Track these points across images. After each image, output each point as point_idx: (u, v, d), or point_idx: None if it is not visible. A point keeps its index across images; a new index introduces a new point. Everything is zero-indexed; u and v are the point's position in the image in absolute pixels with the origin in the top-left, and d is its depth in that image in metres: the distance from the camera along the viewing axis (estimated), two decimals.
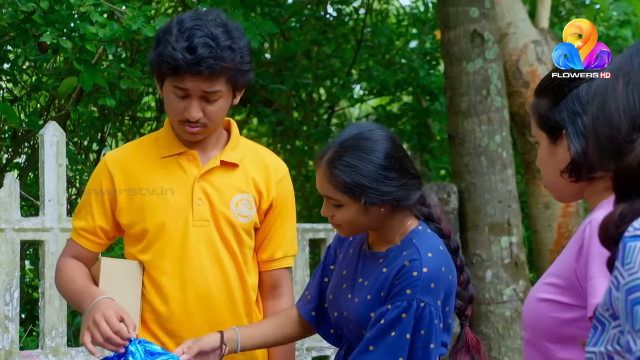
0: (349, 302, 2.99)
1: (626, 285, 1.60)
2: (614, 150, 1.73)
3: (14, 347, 4.70)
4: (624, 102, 1.73)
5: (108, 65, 6.59)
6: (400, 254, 2.93)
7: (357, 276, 3.03)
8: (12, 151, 7.02)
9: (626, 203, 1.68)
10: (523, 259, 6.69)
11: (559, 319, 2.22)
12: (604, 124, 1.75)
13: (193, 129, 3.13)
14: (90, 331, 3.01)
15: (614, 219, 1.68)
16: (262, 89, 8.54)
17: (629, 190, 1.68)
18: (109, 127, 7.33)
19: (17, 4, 5.16)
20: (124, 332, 2.99)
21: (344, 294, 3.02)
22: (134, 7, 5.52)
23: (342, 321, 3.02)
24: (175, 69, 3.04)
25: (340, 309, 3.02)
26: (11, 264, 4.72)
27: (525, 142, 7.25)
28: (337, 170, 2.85)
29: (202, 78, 3.06)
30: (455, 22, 6.70)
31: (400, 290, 2.86)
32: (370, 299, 2.94)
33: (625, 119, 1.72)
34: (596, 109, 1.78)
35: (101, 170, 3.29)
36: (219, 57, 3.05)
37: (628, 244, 1.61)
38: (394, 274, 2.88)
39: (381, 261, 2.97)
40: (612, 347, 1.66)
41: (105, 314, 3.01)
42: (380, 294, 2.91)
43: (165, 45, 3.06)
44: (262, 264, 3.34)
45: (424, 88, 9.23)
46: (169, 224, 3.18)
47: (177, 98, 3.11)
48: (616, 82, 1.77)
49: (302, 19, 9.26)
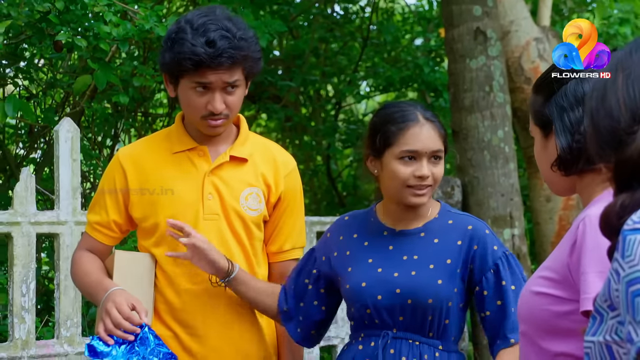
0: (403, 278, 3.05)
1: (627, 277, 1.60)
2: (614, 142, 1.73)
3: (30, 337, 4.72)
4: (624, 94, 1.75)
5: (121, 63, 6.63)
6: (445, 223, 3.12)
7: (397, 255, 3.09)
8: (28, 147, 7.09)
9: (627, 193, 1.69)
10: (525, 250, 6.70)
11: (552, 311, 2.23)
12: (604, 116, 1.76)
13: (217, 121, 3.20)
14: (102, 319, 3.08)
15: (616, 210, 1.69)
16: (271, 85, 8.53)
17: (630, 181, 1.69)
18: (122, 124, 7.36)
19: (33, 3, 5.17)
20: (135, 318, 3.06)
21: (387, 275, 3.07)
22: (146, 7, 5.57)
23: (388, 302, 3.05)
24: (199, 64, 3.09)
25: (387, 289, 3.06)
26: (27, 257, 4.75)
27: (528, 137, 7.22)
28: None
29: (223, 70, 3.12)
30: (458, 20, 6.74)
31: (489, 251, 3.06)
32: (433, 268, 3.05)
33: (626, 111, 1.73)
34: (595, 103, 1.80)
35: (114, 166, 3.35)
36: (237, 47, 3.13)
37: (628, 237, 1.62)
38: (468, 240, 3.07)
39: (423, 235, 3.11)
40: (610, 337, 1.67)
41: (115, 301, 3.09)
42: (447, 261, 3.06)
43: (182, 44, 3.11)
44: (272, 256, 3.40)
45: (429, 85, 9.25)
46: (180, 218, 3.22)
47: (198, 94, 3.16)
48: (616, 76, 1.79)
49: (310, 18, 9.26)
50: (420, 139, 3.06)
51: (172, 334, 3.28)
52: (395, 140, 3.07)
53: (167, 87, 3.31)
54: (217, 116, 3.19)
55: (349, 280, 3.13)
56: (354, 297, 3.12)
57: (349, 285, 3.13)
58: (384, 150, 3.10)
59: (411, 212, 3.15)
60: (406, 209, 3.14)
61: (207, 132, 3.26)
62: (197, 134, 3.32)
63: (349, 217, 3.29)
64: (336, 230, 3.27)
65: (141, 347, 3.06)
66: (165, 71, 3.26)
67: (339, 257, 3.20)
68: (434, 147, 3.08)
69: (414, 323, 3.06)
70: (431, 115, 3.14)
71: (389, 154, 3.08)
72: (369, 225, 3.20)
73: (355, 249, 3.18)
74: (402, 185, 3.07)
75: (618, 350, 1.67)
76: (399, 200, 3.12)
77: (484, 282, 3.08)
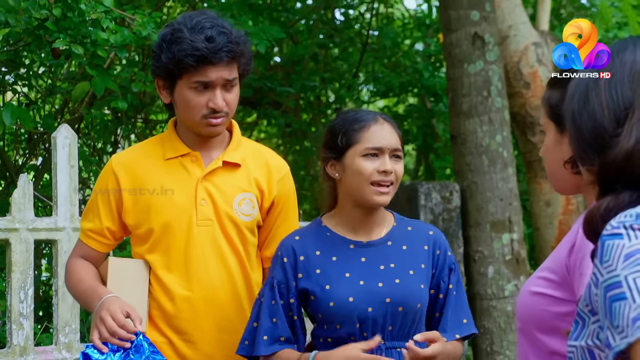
0: (389, 287, 3.07)
1: (605, 282, 1.62)
2: (597, 146, 1.74)
3: (28, 343, 4.74)
4: (607, 97, 1.76)
5: (121, 70, 6.65)
6: (405, 230, 3.18)
7: (373, 266, 3.10)
8: (28, 153, 7.11)
9: (611, 196, 1.71)
10: (524, 255, 6.70)
11: (550, 312, 2.24)
12: (587, 119, 1.77)
13: (217, 119, 3.21)
14: (97, 328, 3.07)
15: (600, 212, 1.70)
16: (270, 91, 8.59)
17: (614, 184, 1.71)
18: (122, 130, 7.41)
19: (31, 10, 5.18)
20: (129, 326, 3.05)
21: (371, 287, 3.07)
22: (143, 14, 5.59)
23: (379, 312, 3.05)
24: (200, 59, 3.12)
25: (376, 300, 3.05)
26: (25, 263, 4.77)
27: (527, 141, 7.26)
28: None
29: (222, 66, 3.16)
30: (456, 25, 6.75)
31: (447, 256, 3.18)
32: (413, 274, 3.10)
33: (609, 114, 1.74)
34: (577, 106, 1.81)
35: (107, 173, 3.35)
36: (234, 42, 3.17)
37: (606, 242, 1.64)
38: (432, 245, 3.16)
39: (390, 243, 3.14)
40: (592, 342, 1.70)
41: (110, 309, 3.08)
42: (421, 266, 3.12)
43: (181, 42, 3.13)
44: (266, 261, 3.39)
45: (428, 89, 9.26)
46: (173, 224, 3.24)
47: (198, 93, 3.18)
48: (598, 79, 1.80)
49: (309, 23, 9.29)
50: (382, 135, 3.11)
51: (166, 340, 3.28)
52: (358, 139, 3.10)
53: (160, 94, 3.31)
54: (218, 114, 3.20)
55: (332, 298, 3.07)
56: (340, 313, 3.05)
57: (334, 303, 3.06)
58: (346, 151, 3.12)
59: (370, 218, 3.16)
60: (365, 215, 3.15)
61: (207, 132, 3.26)
62: (190, 140, 3.32)
63: (299, 237, 3.20)
64: (291, 253, 3.17)
65: (136, 355, 3.05)
66: (160, 75, 3.26)
67: (309, 277, 3.13)
68: (395, 145, 3.12)
69: (401, 331, 3.07)
70: (387, 117, 3.20)
71: (352, 153, 3.11)
72: (328, 240, 3.17)
73: (325, 266, 3.12)
74: (366, 182, 3.08)
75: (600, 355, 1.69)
76: (362, 201, 3.12)
77: (441, 286, 3.17)
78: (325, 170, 3.19)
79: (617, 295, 1.60)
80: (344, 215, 3.19)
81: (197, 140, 3.31)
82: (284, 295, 3.14)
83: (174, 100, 3.27)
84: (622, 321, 1.58)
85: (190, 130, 3.30)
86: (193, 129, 3.28)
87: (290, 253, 3.16)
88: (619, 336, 1.59)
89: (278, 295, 3.13)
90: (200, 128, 3.25)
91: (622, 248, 1.62)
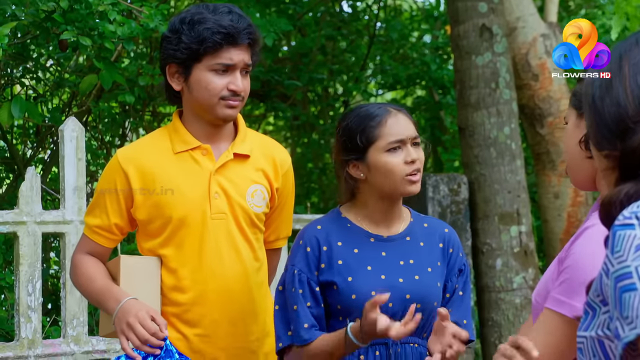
0: (409, 283, 3.07)
1: (615, 272, 1.62)
2: (619, 131, 1.74)
3: (36, 336, 4.75)
4: (631, 83, 1.76)
5: (128, 63, 6.65)
6: (422, 226, 3.19)
7: (393, 261, 3.10)
8: (36, 146, 7.12)
9: (632, 182, 1.70)
10: (532, 247, 6.71)
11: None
12: (609, 104, 1.77)
13: (235, 102, 3.21)
14: (126, 335, 3.04)
15: (620, 198, 1.70)
16: (278, 84, 8.60)
17: (635, 170, 1.71)
18: (130, 123, 7.41)
19: (38, 3, 5.18)
20: (159, 333, 3.03)
21: (392, 282, 3.07)
22: (151, 6, 5.59)
23: (399, 308, 3.03)
24: (226, 37, 3.14)
25: (397, 296, 3.03)
26: (33, 256, 4.77)
27: (536, 133, 7.26)
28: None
29: (244, 48, 3.20)
30: (464, 17, 6.75)
31: (458, 256, 3.20)
32: (431, 271, 3.11)
33: (633, 100, 1.75)
34: (599, 91, 1.80)
35: (114, 168, 3.31)
36: (252, 26, 3.22)
37: (618, 232, 1.64)
38: (446, 243, 3.17)
39: (408, 239, 3.15)
40: (602, 332, 1.69)
41: (138, 315, 3.05)
42: (437, 264, 3.14)
43: (204, 23, 3.16)
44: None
45: (436, 82, 9.26)
46: (188, 218, 3.23)
47: (219, 75, 3.19)
48: (621, 64, 1.79)
49: (317, 16, 9.29)
50: (401, 126, 3.09)
51: (180, 336, 3.27)
52: (377, 135, 3.07)
53: (171, 81, 3.28)
54: (237, 97, 3.21)
55: (354, 291, 3.06)
56: (362, 307, 2.95)
57: (356, 296, 3.05)
58: (367, 149, 3.09)
59: (394, 211, 3.16)
60: (390, 206, 3.15)
61: (224, 114, 3.24)
62: (198, 132, 3.31)
63: (321, 226, 3.18)
64: (315, 243, 3.14)
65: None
66: (175, 60, 3.24)
67: (331, 267, 3.11)
68: (414, 133, 3.12)
69: (417, 327, 3.00)
70: (398, 106, 3.19)
71: (374, 151, 3.08)
72: (349, 231, 3.16)
73: (347, 257, 3.11)
74: (399, 177, 3.06)
75: (610, 345, 1.69)
76: (395, 194, 3.11)
77: (448, 285, 3.17)
78: (347, 172, 3.14)
79: (628, 285, 1.59)
80: (367, 208, 3.17)
81: (205, 132, 3.30)
82: (307, 283, 3.11)
83: (189, 85, 3.24)
84: (632, 312, 1.58)
85: (202, 118, 3.28)
86: (207, 114, 3.26)
87: (314, 243, 3.14)
88: (628, 327, 1.58)
89: (305, 284, 3.10)
90: (217, 110, 3.23)
91: (634, 239, 1.61)
